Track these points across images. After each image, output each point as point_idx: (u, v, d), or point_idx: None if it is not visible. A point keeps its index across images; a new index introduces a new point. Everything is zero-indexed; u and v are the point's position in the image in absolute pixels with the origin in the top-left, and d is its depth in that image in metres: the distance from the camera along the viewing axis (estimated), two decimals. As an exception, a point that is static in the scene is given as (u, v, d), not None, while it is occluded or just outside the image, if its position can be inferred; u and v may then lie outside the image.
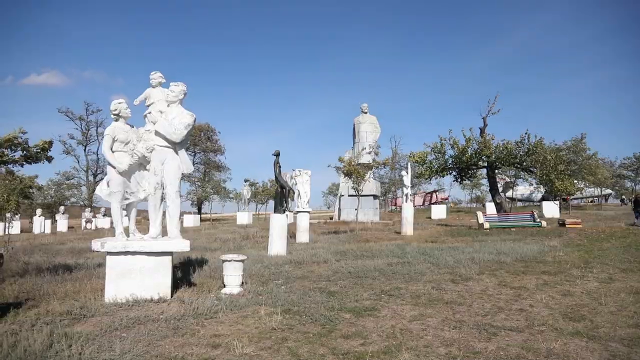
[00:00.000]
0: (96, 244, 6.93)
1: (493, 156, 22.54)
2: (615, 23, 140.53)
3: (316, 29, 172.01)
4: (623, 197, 50.75)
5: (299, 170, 18.33)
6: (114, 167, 7.14)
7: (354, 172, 21.75)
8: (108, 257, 6.88)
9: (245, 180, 42.09)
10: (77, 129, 49.46)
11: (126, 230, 7.45)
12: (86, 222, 34.96)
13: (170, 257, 7.13)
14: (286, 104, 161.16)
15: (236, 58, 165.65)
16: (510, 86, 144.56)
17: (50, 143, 9.92)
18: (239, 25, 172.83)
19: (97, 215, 38.75)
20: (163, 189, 7.28)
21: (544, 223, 18.92)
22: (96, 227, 34.51)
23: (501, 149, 22.48)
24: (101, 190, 7.34)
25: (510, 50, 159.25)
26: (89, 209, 40.18)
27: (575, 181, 29.70)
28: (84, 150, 49.69)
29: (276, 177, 14.47)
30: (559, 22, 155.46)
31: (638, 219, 20.37)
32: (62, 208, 37.49)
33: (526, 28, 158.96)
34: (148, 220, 7.56)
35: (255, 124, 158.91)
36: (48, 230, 31.86)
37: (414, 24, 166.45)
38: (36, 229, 31.81)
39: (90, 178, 49.24)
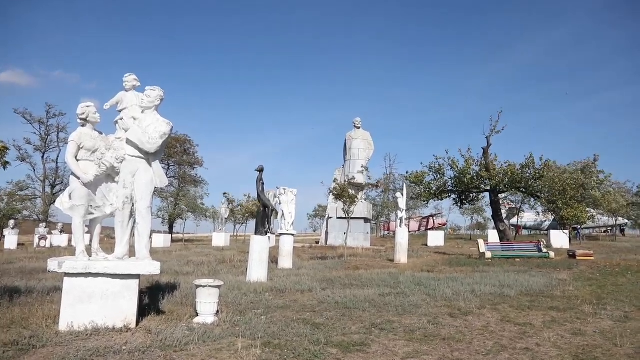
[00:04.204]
0: (53, 264, 6.79)
1: (496, 179, 22.77)
2: (626, 42, 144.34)
3: (306, 37, 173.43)
4: None
5: (284, 189, 18.30)
6: (78, 178, 7.04)
7: (345, 192, 21.79)
8: (66, 279, 6.75)
9: (224, 195, 41.63)
10: (35, 133, 48.58)
11: (88, 250, 7.33)
12: (40, 239, 34.20)
13: (137, 281, 7.03)
14: (271, 117, 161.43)
15: (218, 67, 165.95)
16: (513, 105, 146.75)
17: (5, 149, 9.82)
18: (222, 33, 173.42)
19: (53, 232, 38.01)
20: (133, 204, 7.22)
21: (551, 254, 19.08)
22: (51, 244, 33.76)
23: (505, 171, 22.73)
24: (62, 203, 7.22)
25: (514, 67, 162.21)
26: (44, 224, 39.41)
27: (587, 209, 29.91)
28: (42, 157, 48.77)
29: (259, 195, 14.43)
30: (567, 39, 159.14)
31: None
32: (12, 222, 36.55)
33: (532, 45, 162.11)
34: (112, 238, 7.47)
35: (236, 137, 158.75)
36: (-5, 248, 31.16)
37: (412, 36, 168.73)
38: (-20, 246, 31.08)
39: (48, 189, 48.35)
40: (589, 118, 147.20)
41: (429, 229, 46.13)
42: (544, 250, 19.42)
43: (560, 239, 28.42)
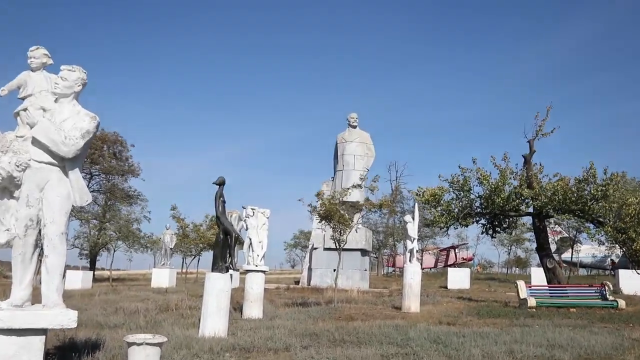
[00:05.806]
0: None
1: (542, 199, 22.85)
2: None
3: (282, 11, 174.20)
4: None
5: (252, 209, 18.21)
6: (-40, 193, 6.93)
7: (335, 214, 21.69)
8: (-63, 337, 6.56)
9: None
10: None
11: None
12: None
13: (43, 338, 6.87)
14: (236, 114, 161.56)
15: (162, 49, 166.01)
16: (558, 101, 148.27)
17: None
18: (173, 14, 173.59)
19: None
20: (40, 229, 7.09)
21: (621, 302, 19.12)
22: None
23: (554, 188, 22.82)
24: None
25: (561, 55, 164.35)
26: None
27: None
28: None
29: (218, 218, 14.31)
30: (620, 22, 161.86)
31: None
32: None
33: (581, 26, 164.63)
34: (7, 277, 7.33)
35: (186, 140, 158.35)
36: None
37: (420, 13, 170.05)
38: None
39: None
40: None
41: (449, 266, 46.41)
42: (610, 297, 19.47)
43: (633, 281, 28.43)
